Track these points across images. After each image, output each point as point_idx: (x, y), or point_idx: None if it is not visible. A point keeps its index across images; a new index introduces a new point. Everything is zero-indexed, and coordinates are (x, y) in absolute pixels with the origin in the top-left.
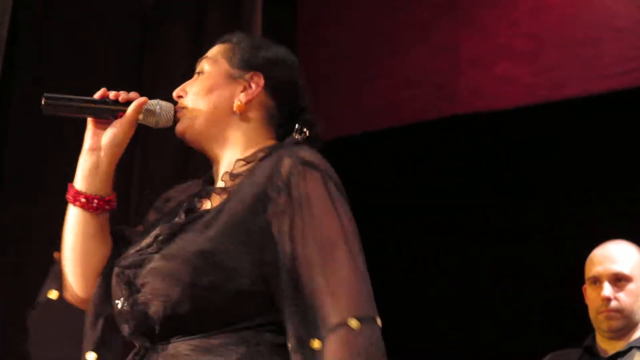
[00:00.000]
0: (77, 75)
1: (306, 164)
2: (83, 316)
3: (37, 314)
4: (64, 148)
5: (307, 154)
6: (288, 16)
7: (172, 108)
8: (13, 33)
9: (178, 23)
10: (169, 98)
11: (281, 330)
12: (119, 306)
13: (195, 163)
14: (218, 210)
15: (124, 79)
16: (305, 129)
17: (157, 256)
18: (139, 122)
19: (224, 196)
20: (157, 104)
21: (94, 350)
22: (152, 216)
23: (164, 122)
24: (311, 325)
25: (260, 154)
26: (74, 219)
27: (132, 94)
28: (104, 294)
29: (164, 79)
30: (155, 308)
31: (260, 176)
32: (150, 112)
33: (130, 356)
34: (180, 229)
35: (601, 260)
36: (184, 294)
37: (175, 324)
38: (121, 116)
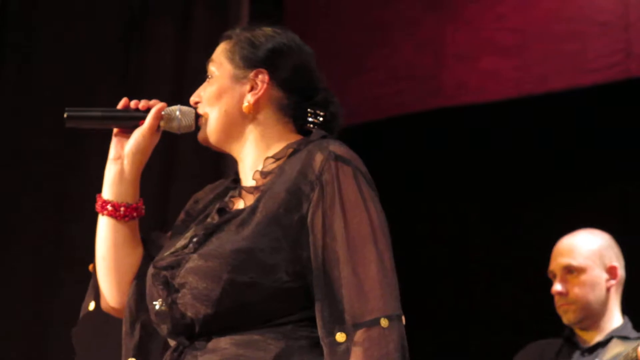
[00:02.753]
0: (63, 69)
1: (338, 158)
2: (121, 325)
3: (79, 329)
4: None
5: (338, 147)
6: (274, 10)
7: (193, 112)
8: None
9: (164, 17)
10: (155, 91)
11: None
12: (157, 307)
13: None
14: (252, 208)
15: (111, 72)
16: (318, 112)
17: (194, 256)
18: (162, 128)
19: (257, 194)
20: (176, 110)
21: (134, 356)
22: (181, 218)
23: (185, 127)
24: (339, 319)
25: (289, 150)
26: (104, 228)
27: (153, 102)
28: (139, 299)
29: (151, 72)
30: (195, 307)
31: (291, 172)
32: (170, 118)
33: (168, 353)
34: (215, 229)
35: (555, 255)
36: (224, 292)
37: (215, 322)
38: (142, 124)
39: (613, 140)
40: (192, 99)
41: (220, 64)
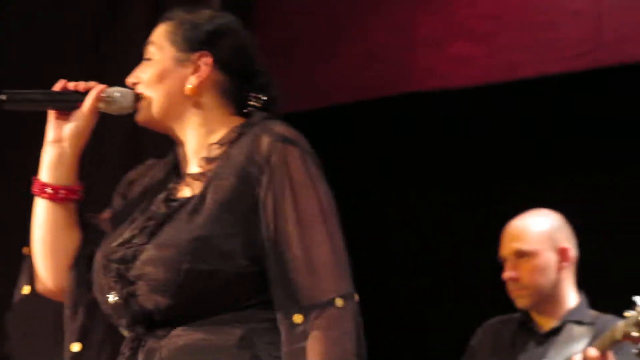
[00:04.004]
0: (33, 55)
1: (285, 140)
2: (58, 309)
3: (14, 314)
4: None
5: (284, 129)
6: None
7: (132, 94)
8: None
9: (136, 1)
10: (127, 72)
11: None
12: (111, 300)
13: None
14: (201, 195)
15: (81, 57)
16: (260, 95)
17: (149, 247)
18: (100, 110)
19: (204, 181)
20: (116, 91)
21: (77, 340)
22: (117, 201)
23: (125, 108)
24: (294, 300)
25: (233, 135)
26: (42, 211)
27: (91, 83)
28: (80, 283)
29: (122, 57)
30: (154, 298)
31: (238, 157)
32: (110, 100)
33: (126, 343)
34: (166, 218)
35: (504, 239)
36: (183, 282)
37: (175, 311)
38: (81, 106)
39: (583, 129)
40: (130, 80)
41: (162, 45)
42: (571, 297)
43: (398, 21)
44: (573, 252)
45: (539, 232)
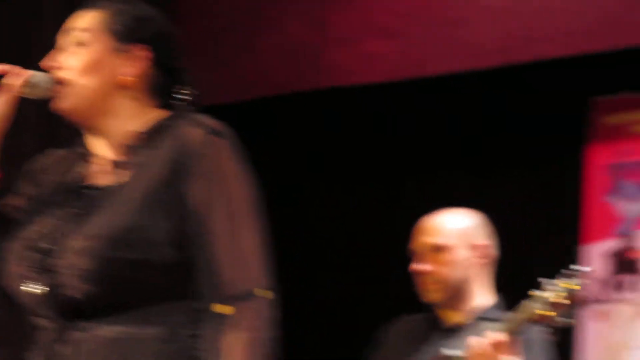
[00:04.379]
0: None
1: (214, 132)
2: None
3: None
4: None
5: (212, 122)
6: None
7: (51, 80)
8: None
9: None
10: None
11: None
12: (33, 290)
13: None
14: (125, 185)
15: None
16: (184, 89)
17: (75, 236)
18: (22, 95)
19: (127, 170)
20: (38, 75)
21: None
22: (29, 189)
23: (44, 93)
24: (216, 290)
25: (159, 126)
26: None
27: (6, 66)
28: None
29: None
30: (80, 288)
31: (164, 147)
32: (33, 84)
33: (47, 334)
34: (90, 207)
35: (418, 233)
36: (110, 271)
37: (101, 301)
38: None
39: (496, 126)
40: (50, 64)
41: (96, 32)
42: (484, 296)
43: (313, 16)
44: (490, 250)
45: (455, 228)
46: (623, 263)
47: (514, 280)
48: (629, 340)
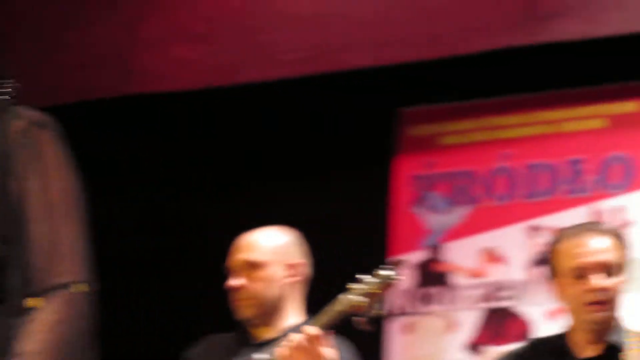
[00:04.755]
0: None
1: (37, 124)
2: None
3: None
4: None
5: (35, 114)
6: None
7: None
8: None
9: None
10: None
11: None
12: None
13: None
14: None
15: None
16: (6, 85)
17: None
18: None
19: None
20: None
21: None
22: None
23: None
24: (29, 283)
25: None
26: None
27: None
28: None
29: None
30: None
31: None
32: None
33: None
34: None
35: (234, 250)
36: None
37: None
38: None
39: (305, 137)
40: None
41: None
42: (295, 314)
43: (123, 20)
44: (305, 269)
45: (270, 246)
46: (430, 275)
47: (323, 292)
48: (438, 354)
